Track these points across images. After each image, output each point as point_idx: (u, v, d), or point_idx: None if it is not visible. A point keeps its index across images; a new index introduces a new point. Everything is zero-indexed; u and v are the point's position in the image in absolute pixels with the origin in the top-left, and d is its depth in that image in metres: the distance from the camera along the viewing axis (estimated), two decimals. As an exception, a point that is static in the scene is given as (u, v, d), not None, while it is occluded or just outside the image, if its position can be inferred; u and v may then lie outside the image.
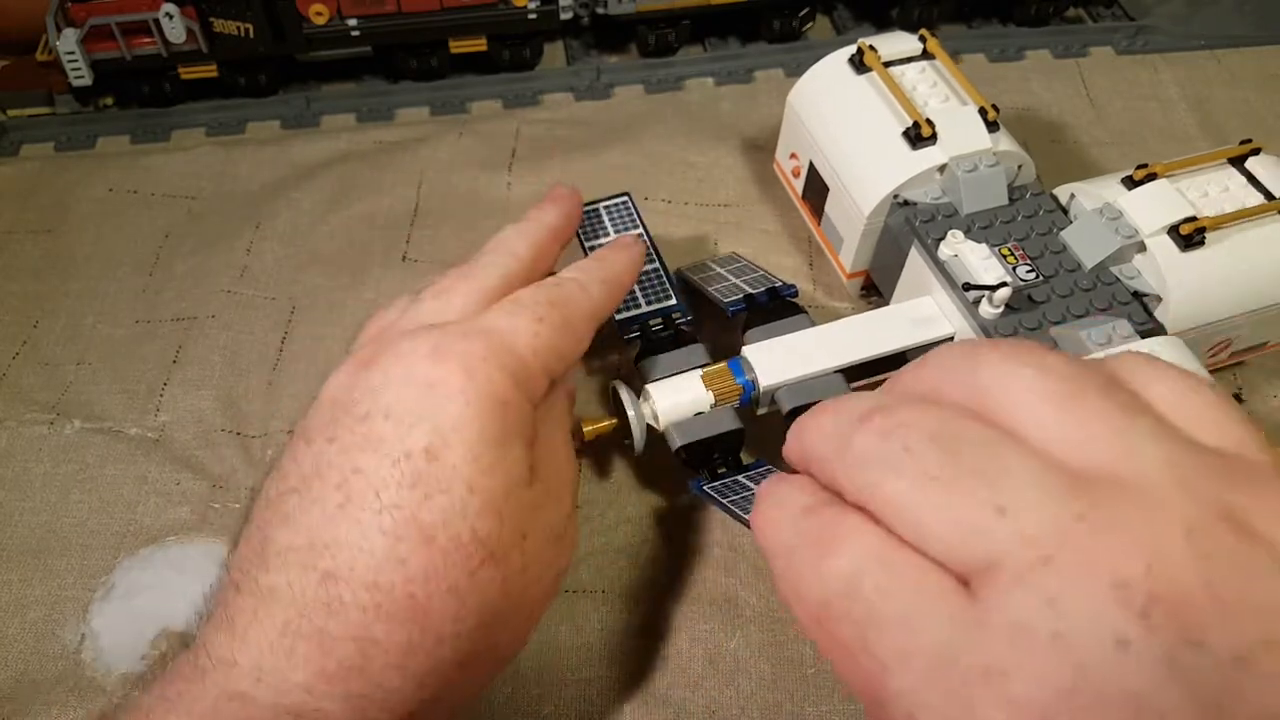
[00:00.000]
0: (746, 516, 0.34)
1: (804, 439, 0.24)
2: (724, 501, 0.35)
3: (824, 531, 0.22)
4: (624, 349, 0.43)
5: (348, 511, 0.26)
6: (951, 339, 0.39)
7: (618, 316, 0.40)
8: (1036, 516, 0.19)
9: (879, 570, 0.20)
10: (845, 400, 0.24)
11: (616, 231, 0.43)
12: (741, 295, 0.41)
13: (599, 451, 0.42)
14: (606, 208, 0.43)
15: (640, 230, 0.42)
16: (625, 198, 0.44)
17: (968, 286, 0.37)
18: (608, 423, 0.37)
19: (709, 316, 0.45)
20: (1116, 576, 0.18)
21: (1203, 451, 0.20)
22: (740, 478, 0.36)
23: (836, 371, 0.38)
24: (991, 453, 0.20)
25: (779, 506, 0.24)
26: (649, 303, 0.41)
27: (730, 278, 0.44)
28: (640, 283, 0.41)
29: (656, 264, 0.42)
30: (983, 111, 0.41)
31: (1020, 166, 0.42)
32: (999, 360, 0.22)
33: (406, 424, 0.27)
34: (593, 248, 0.41)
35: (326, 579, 0.26)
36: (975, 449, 0.20)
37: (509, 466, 0.28)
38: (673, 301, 0.41)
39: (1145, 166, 0.40)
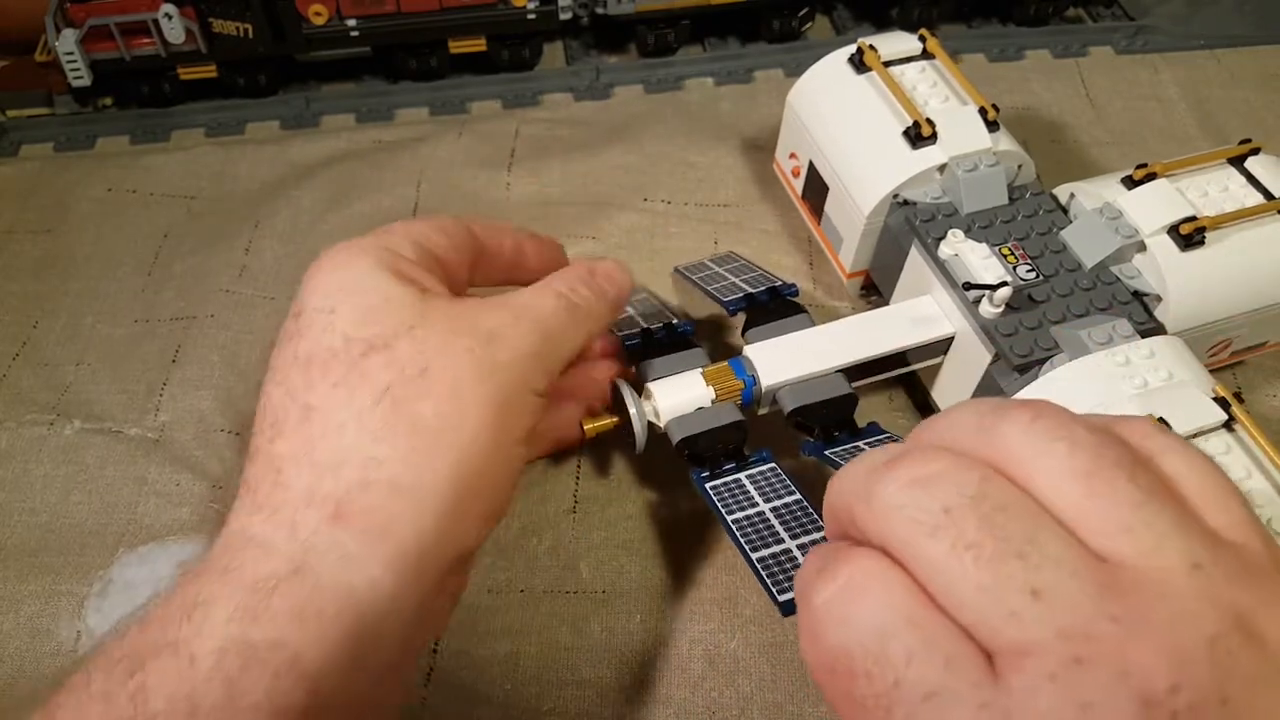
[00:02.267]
0: (734, 526, 0.34)
1: (832, 489, 0.24)
2: (715, 501, 0.35)
3: (834, 563, 0.21)
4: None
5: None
6: (952, 339, 0.39)
7: (619, 331, 0.41)
8: (1071, 609, 0.19)
9: (909, 633, 0.20)
10: (875, 449, 0.23)
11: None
12: (741, 294, 0.41)
13: (600, 449, 0.42)
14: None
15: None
16: None
17: (968, 286, 0.37)
18: (609, 421, 0.37)
19: (707, 321, 0.45)
20: (1146, 693, 0.18)
21: (1218, 546, 0.20)
22: (742, 477, 0.36)
23: (838, 371, 0.38)
24: (1028, 527, 0.20)
25: (813, 553, 0.24)
26: (649, 322, 0.41)
27: (729, 277, 0.44)
28: (634, 305, 0.41)
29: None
30: (982, 111, 0.41)
31: (1020, 166, 0.42)
32: (1029, 423, 0.21)
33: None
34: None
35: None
36: (1013, 520, 0.20)
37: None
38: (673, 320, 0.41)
39: (1145, 166, 0.40)
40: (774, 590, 0.31)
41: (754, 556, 0.32)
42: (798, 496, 0.34)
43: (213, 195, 0.53)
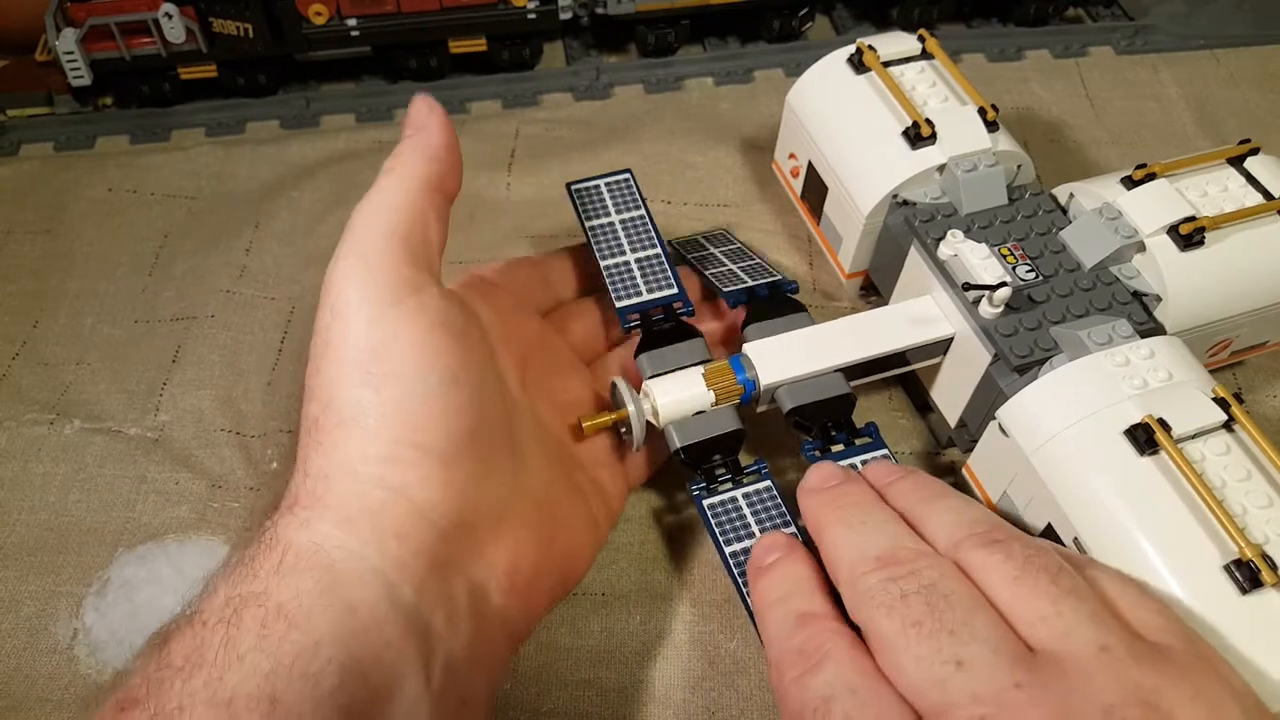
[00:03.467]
0: (730, 558, 0.34)
1: (825, 546, 0.30)
2: (714, 527, 0.35)
3: (809, 646, 0.27)
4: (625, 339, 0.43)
5: None
6: (951, 339, 0.39)
7: (618, 304, 0.40)
8: (986, 678, 0.24)
9: (849, 699, 0.25)
10: (866, 528, 0.30)
11: (617, 210, 0.42)
12: (742, 287, 0.41)
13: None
14: (608, 184, 0.43)
15: (643, 210, 0.42)
16: (627, 174, 0.43)
17: (967, 286, 0.37)
18: (606, 418, 0.37)
19: (706, 307, 0.45)
20: None
21: (1133, 637, 0.25)
22: (738, 496, 0.36)
23: (836, 370, 0.38)
24: (966, 614, 0.25)
25: (779, 601, 0.30)
26: (650, 290, 0.40)
27: (726, 262, 0.44)
28: (641, 268, 0.41)
29: (659, 249, 0.41)
30: (982, 111, 0.41)
31: (1019, 166, 0.42)
32: (977, 545, 0.28)
33: None
34: (593, 227, 0.42)
35: None
36: (955, 608, 0.25)
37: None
38: (674, 290, 0.40)
39: (1144, 166, 0.40)
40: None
41: (750, 603, 0.33)
42: (792, 530, 0.35)
43: (213, 195, 0.53)
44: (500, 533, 0.31)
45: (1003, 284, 0.36)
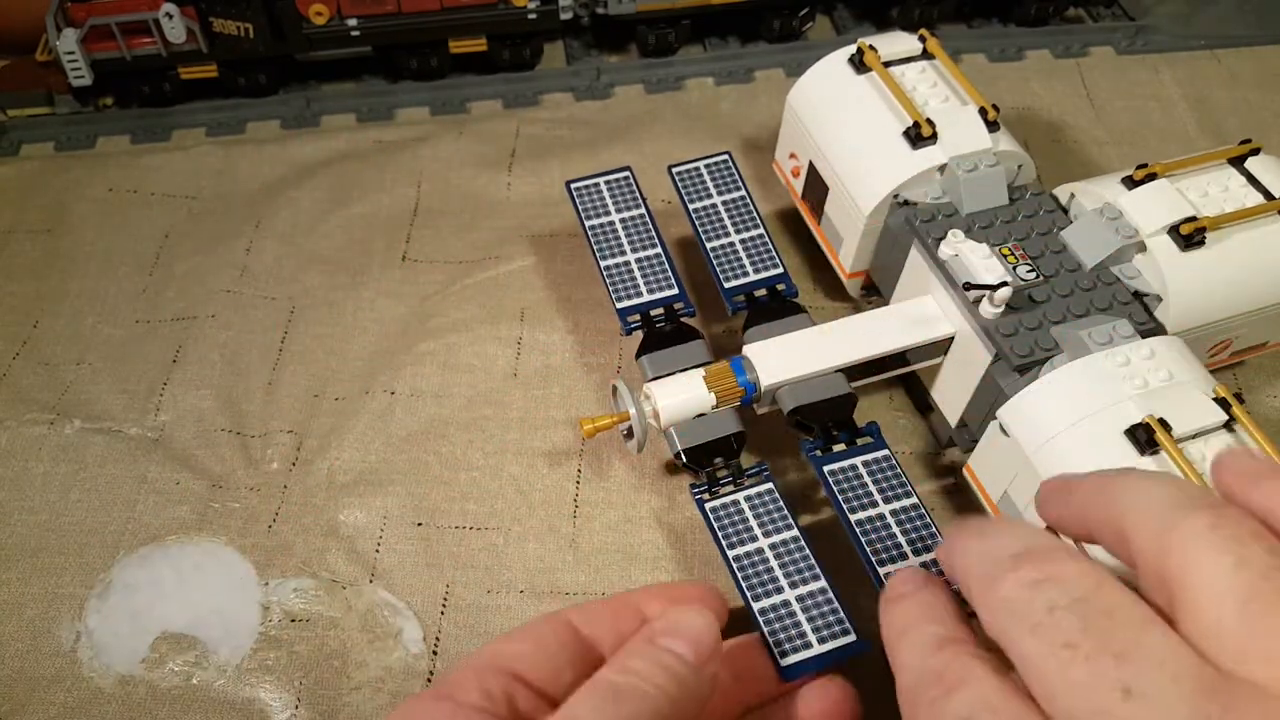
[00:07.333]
0: (732, 562, 0.34)
1: (954, 562, 0.25)
2: (716, 531, 0.35)
3: (948, 669, 0.24)
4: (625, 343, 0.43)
5: None
6: (952, 339, 0.39)
7: (618, 305, 0.40)
8: (1163, 711, 0.19)
9: (987, 717, 0.21)
10: (1000, 531, 0.24)
11: (618, 209, 0.42)
12: (741, 285, 0.41)
13: (600, 452, 0.42)
14: (608, 182, 0.43)
15: (643, 209, 0.43)
16: (627, 172, 0.43)
17: (968, 286, 0.37)
18: (608, 420, 0.37)
19: (707, 302, 0.45)
20: None
21: None
22: (740, 499, 0.36)
23: (837, 371, 0.38)
24: (1136, 632, 0.20)
25: (913, 626, 0.26)
26: (650, 291, 0.41)
27: (730, 229, 0.43)
28: (641, 268, 0.41)
29: (659, 249, 0.42)
30: (983, 111, 0.41)
31: (1020, 166, 0.42)
32: (1204, 531, 0.21)
33: None
34: (593, 227, 0.42)
35: None
36: (1119, 624, 0.20)
37: None
38: (675, 290, 0.40)
39: (1145, 166, 0.40)
40: (776, 654, 0.32)
41: (755, 608, 0.33)
42: (795, 533, 0.35)
43: (213, 195, 0.53)
44: None
45: (1003, 284, 0.36)
